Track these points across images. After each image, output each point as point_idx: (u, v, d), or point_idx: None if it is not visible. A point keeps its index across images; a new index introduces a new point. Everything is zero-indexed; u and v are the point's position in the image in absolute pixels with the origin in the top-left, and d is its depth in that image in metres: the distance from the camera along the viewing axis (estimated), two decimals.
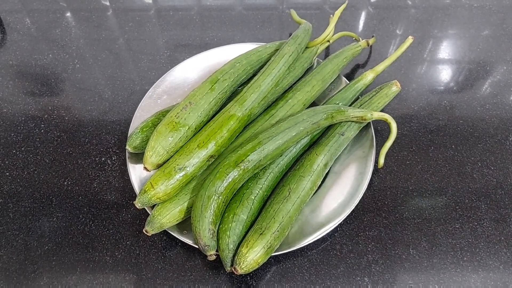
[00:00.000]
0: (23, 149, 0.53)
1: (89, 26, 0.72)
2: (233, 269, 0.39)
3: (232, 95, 0.53)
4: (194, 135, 0.46)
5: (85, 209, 0.48)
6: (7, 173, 0.51)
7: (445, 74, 0.64)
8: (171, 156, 0.44)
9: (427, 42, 0.68)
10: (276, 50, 0.55)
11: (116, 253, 0.45)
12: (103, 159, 0.52)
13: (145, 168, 0.44)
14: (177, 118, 0.45)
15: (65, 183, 0.50)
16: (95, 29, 0.72)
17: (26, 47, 0.68)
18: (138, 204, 0.42)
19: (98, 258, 0.45)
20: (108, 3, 0.77)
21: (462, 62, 0.65)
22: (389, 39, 0.69)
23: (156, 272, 0.44)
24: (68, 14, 0.75)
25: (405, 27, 0.71)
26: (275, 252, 0.42)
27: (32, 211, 0.48)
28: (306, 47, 0.56)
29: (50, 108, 0.59)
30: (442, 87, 0.62)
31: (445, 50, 0.67)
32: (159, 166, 0.44)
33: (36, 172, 0.51)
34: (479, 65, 0.64)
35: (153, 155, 0.43)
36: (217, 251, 0.41)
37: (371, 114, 0.49)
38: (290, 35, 0.56)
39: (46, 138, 0.55)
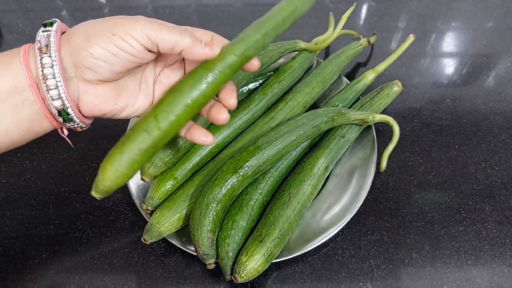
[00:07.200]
0: (19, 155, 0.53)
1: None
2: (232, 278, 0.39)
3: None
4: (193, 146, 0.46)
5: (82, 216, 0.47)
6: (4, 180, 0.51)
7: (447, 72, 0.62)
8: (169, 168, 0.44)
9: (429, 39, 0.67)
10: (280, 52, 0.53)
11: (114, 261, 0.44)
12: (100, 165, 0.52)
13: (142, 179, 0.44)
14: None
15: (62, 189, 0.50)
16: None
17: None
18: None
19: (96, 266, 0.44)
20: (104, 1, 0.76)
21: (465, 59, 0.64)
22: (390, 35, 0.67)
23: (155, 280, 0.43)
24: (64, 13, 0.74)
25: (407, 22, 0.70)
26: (275, 259, 0.41)
27: (29, 218, 0.47)
28: (305, 50, 0.55)
29: None
30: (445, 86, 0.60)
31: (448, 47, 0.66)
32: (156, 177, 0.44)
33: (32, 179, 0.51)
34: (482, 62, 0.63)
35: (150, 167, 0.43)
36: (216, 259, 0.40)
37: (373, 117, 0.48)
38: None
39: (42, 143, 0.54)
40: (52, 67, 0.30)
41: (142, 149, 0.31)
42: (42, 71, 0.30)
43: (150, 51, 0.32)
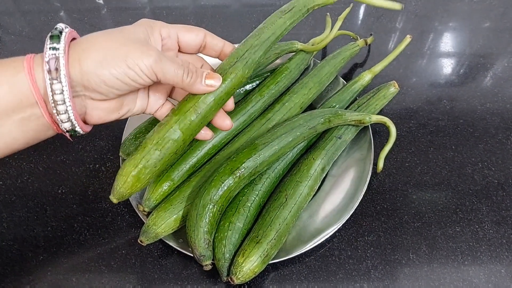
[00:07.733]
0: (16, 157, 0.53)
1: (83, 26, 0.71)
2: (229, 279, 0.39)
3: None
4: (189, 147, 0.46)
5: (79, 218, 0.48)
6: (1, 182, 0.51)
7: (444, 72, 0.62)
8: (166, 169, 0.44)
9: (426, 39, 0.67)
10: (276, 54, 0.54)
11: (112, 263, 0.44)
12: (97, 166, 0.52)
13: None
14: None
15: (59, 191, 0.50)
16: (90, 28, 0.71)
17: (19, 49, 0.67)
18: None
19: (93, 268, 0.44)
20: (102, 2, 0.76)
21: (462, 60, 0.64)
22: (387, 36, 0.68)
23: (153, 281, 0.43)
24: (62, 14, 0.74)
25: (404, 23, 0.70)
26: (272, 260, 0.41)
27: (27, 220, 0.48)
28: (302, 50, 0.55)
29: None
30: (441, 86, 0.60)
31: (445, 48, 0.66)
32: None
33: (30, 180, 0.51)
34: (479, 62, 0.63)
35: None
36: (213, 260, 0.40)
37: (370, 118, 0.48)
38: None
39: (39, 145, 0.53)
40: (62, 93, 0.31)
41: (160, 159, 0.38)
42: (52, 96, 0.31)
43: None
